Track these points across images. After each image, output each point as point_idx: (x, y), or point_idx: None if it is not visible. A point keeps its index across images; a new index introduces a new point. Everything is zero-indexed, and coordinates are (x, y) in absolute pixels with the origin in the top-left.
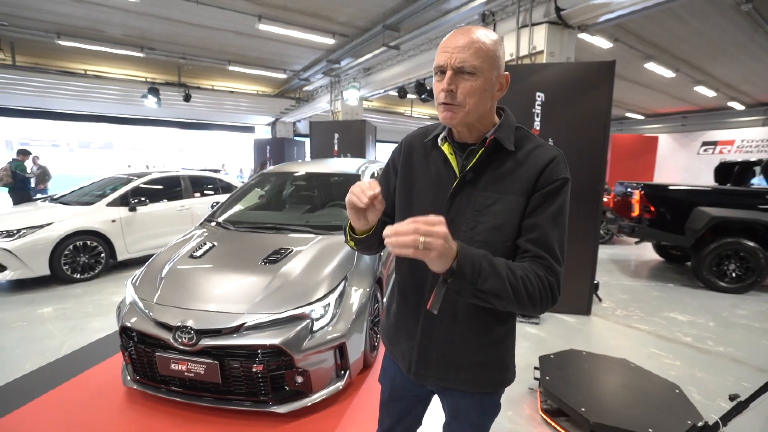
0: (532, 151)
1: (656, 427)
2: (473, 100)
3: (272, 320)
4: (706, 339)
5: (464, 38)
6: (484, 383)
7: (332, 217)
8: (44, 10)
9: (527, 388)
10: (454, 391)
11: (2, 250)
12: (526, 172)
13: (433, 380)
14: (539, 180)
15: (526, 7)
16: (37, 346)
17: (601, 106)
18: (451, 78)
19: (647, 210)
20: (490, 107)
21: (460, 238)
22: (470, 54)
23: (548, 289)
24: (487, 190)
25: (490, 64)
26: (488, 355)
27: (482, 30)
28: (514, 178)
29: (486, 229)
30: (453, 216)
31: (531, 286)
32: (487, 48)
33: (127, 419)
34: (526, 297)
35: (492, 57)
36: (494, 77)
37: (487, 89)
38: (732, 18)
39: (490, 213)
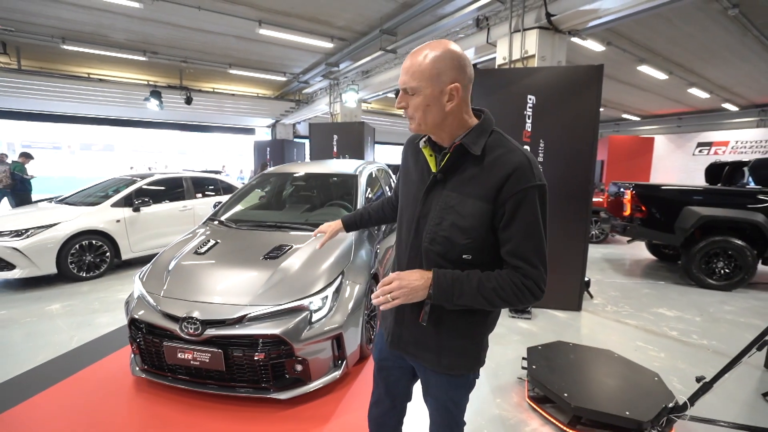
0: (499, 157)
1: (633, 410)
2: (419, 114)
3: (273, 311)
4: (692, 333)
5: (408, 61)
6: (446, 365)
7: (331, 216)
8: (50, 16)
9: (516, 378)
10: (424, 368)
11: (11, 249)
12: (490, 178)
13: (404, 353)
14: (503, 189)
15: (518, 12)
16: (47, 340)
17: (590, 108)
18: (401, 96)
19: (638, 209)
20: (446, 116)
21: (428, 231)
22: (409, 76)
23: (526, 291)
24: (453, 190)
25: (427, 83)
26: (452, 342)
27: (427, 50)
28: (477, 182)
29: (449, 226)
30: (426, 211)
31: (503, 292)
32: (423, 68)
33: (136, 406)
34: (500, 301)
35: (429, 76)
36: (437, 92)
37: (431, 104)
38: (721, 22)
39: (453, 212)
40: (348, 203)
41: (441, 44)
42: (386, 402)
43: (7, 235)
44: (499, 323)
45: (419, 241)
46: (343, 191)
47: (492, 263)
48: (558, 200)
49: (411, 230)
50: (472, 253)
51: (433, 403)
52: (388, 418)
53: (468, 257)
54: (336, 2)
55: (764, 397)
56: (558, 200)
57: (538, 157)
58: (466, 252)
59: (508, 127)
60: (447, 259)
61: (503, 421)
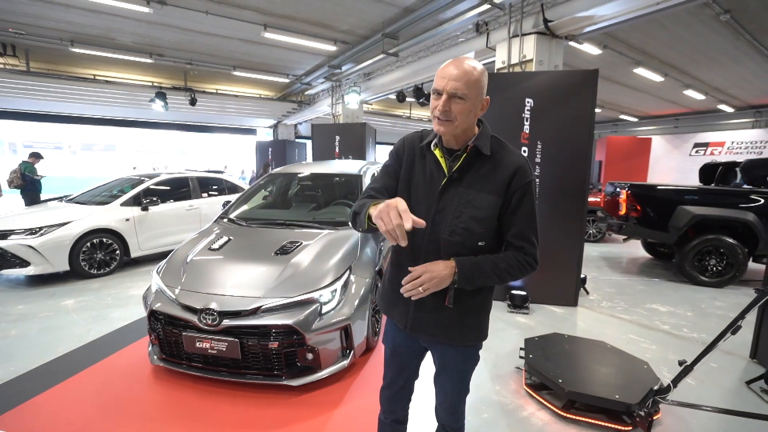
0: (504, 157)
1: (623, 393)
2: (462, 118)
3: (285, 303)
4: (683, 327)
5: (458, 70)
6: (464, 339)
7: (337, 214)
8: (61, 20)
9: (514, 368)
10: (443, 345)
11: (26, 247)
12: (499, 174)
13: (425, 336)
14: (511, 183)
15: (517, 18)
16: (66, 333)
17: (586, 111)
18: (446, 101)
19: (634, 209)
20: (472, 124)
21: (448, 224)
22: (462, 84)
23: (527, 265)
24: (469, 187)
25: (476, 92)
26: (467, 318)
27: (472, 62)
28: (490, 178)
29: (468, 218)
30: (442, 206)
31: (513, 269)
32: (475, 80)
33: (157, 392)
34: (509, 277)
35: (477, 86)
36: (478, 102)
37: (472, 110)
38: (713, 27)
39: (471, 206)
40: (353, 202)
41: (477, 62)
42: (398, 382)
43: (21, 233)
44: (498, 318)
45: (437, 235)
46: (347, 191)
47: (498, 246)
48: (555, 199)
49: (427, 226)
50: (486, 240)
51: (449, 375)
52: (399, 396)
53: (482, 243)
54: (340, 7)
55: (747, 384)
56: (555, 199)
57: (535, 158)
58: (481, 239)
59: (507, 129)
60: (465, 247)
61: (502, 406)
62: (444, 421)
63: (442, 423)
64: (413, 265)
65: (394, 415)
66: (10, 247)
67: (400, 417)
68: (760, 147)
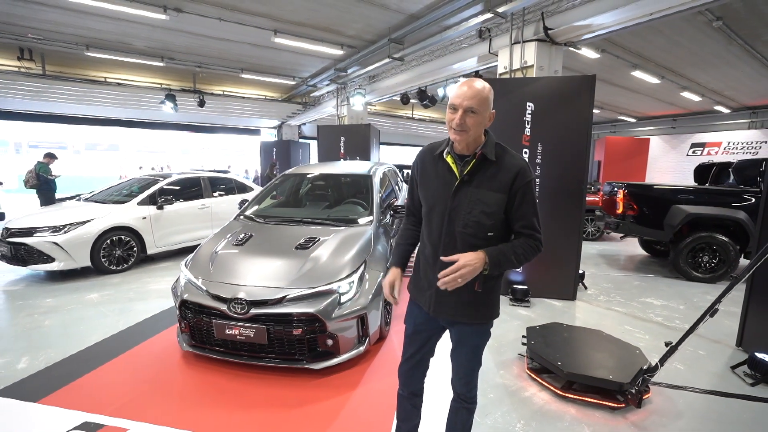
0: (508, 161)
1: (616, 374)
2: (474, 128)
3: (307, 294)
4: (675, 318)
5: (471, 90)
6: (479, 316)
7: (349, 212)
8: (80, 26)
9: (516, 355)
10: (460, 324)
11: (51, 243)
12: (504, 176)
13: (445, 315)
14: (514, 183)
15: (518, 25)
16: (95, 324)
17: (584, 114)
18: (462, 115)
19: (630, 207)
20: (481, 132)
21: (461, 219)
22: (475, 101)
23: (535, 248)
24: (478, 187)
25: (485, 107)
26: (481, 299)
27: (481, 83)
28: (496, 179)
29: (479, 213)
30: (455, 205)
31: (527, 253)
32: (484, 96)
33: (187, 375)
34: (525, 260)
35: (487, 102)
36: (487, 114)
37: (482, 122)
38: (706, 32)
39: (481, 203)
40: (363, 201)
41: (485, 83)
42: (416, 357)
43: (47, 230)
44: (501, 310)
45: (453, 228)
46: (356, 190)
47: (505, 236)
48: (554, 198)
49: (444, 221)
50: (494, 231)
51: (464, 349)
52: (415, 370)
53: (491, 234)
54: (347, 14)
55: (732, 369)
56: (554, 198)
57: (536, 160)
58: (490, 230)
59: (509, 132)
60: (477, 237)
61: (506, 388)
62: (459, 391)
63: (457, 392)
64: (435, 255)
65: (410, 387)
66: (37, 244)
67: (416, 390)
68: (755, 147)
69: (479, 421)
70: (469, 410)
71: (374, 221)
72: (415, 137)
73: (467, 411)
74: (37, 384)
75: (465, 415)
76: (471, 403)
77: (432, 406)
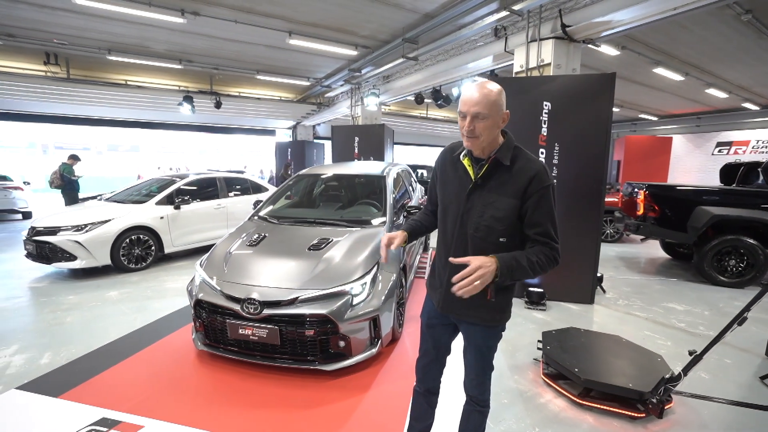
0: (522, 166)
1: (636, 382)
2: (486, 133)
3: (320, 295)
4: (699, 325)
5: (478, 95)
6: (486, 319)
7: (362, 213)
8: (102, 31)
9: (531, 359)
10: (468, 323)
11: (74, 242)
12: (517, 181)
13: (453, 314)
14: (528, 188)
15: (535, 23)
16: (114, 321)
17: (603, 113)
18: (471, 121)
19: (651, 209)
20: (495, 137)
21: (473, 222)
22: (482, 106)
23: (552, 259)
24: (491, 192)
25: (495, 110)
26: (497, 302)
27: (490, 85)
28: (509, 184)
29: (489, 217)
30: (469, 207)
31: (542, 263)
32: (492, 100)
33: (202, 373)
34: (540, 270)
35: (496, 105)
36: (499, 116)
37: (494, 125)
38: (734, 26)
39: (493, 207)
40: (377, 202)
41: (495, 84)
42: (432, 353)
43: (69, 229)
44: (515, 313)
45: (465, 230)
46: (370, 191)
47: (520, 243)
48: (572, 200)
49: (457, 223)
50: (506, 237)
51: (473, 350)
52: (432, 366)
53: (503, 240)
54: (362, 14)
55: (762, 380)
56: (572, 200)
57: (553, 160)
58: (502, 236)
59: (525, 132)
60: (487, 242)
61: (521, 393)
62: (470, 393)
63: (469, 395)
64: (447, 256)
65: (426, 384)
66: (60, 243)
67: (431, 387)
68: None
69: (492, 427)
70: (481, 414)
71: (387, 222)
72: (429, 137)
73: (480, 414)
74: (59, 379)
75: (477, 419)
76: (483, 406)
77: (446, 408)
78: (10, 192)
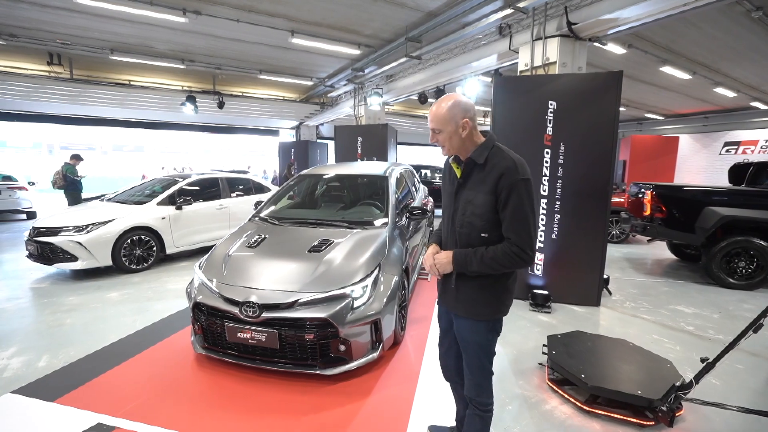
0: (495, 163)
1: (645, 389)
2: (447, 142)
3: (320, 298)
4: (708, 329)
5: (431, 113)
6: (470, 312)
7: (364, 214)
8: (105, 31)
9: (536, 364)
10: (456, 315)
11: (75, 243)
12: (491, 177)
13: (446, 305)
14: (498, 185)
15: (540, 21)
16: (114, 323)
17: (609, 113)
18: (432, 135)
19: (659, 209)
20: (464, 141)
21: (458, 220)
22: (435, 123)
23: (514, 255)
24: (470, 190)
25: (446, 123)
26: (477, 295)
27: (444, 102)
28: (484, 181)
29: (470, 214)
30: (456, 206)
31: (499, 258)
32: (442, 115)
33: (200, 377)
34: (498, 265)
35: (446, 118)
36: (453, 127)
37: (453, 134)
38: (744, 24)
39: (472, 204)
40: (379, 202)
41: (452, 97)
42: (444, 343)
43: (71, 230)
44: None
45: (454, 227)
46: (372, 191)
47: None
48: (578, 200)
49: (448, 221)
50: (488, 232)
51: (463, 346)
52: (446, 356)
53: (485, 235)
54: (365, 13)
55: None
56: (578, 200)
57: (558, 160)
58: (483, 231)
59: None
60: (471, 237)
61: (525, 399)
62: (468, 394)
63: (468, 396)
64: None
65: (445, 375)
66: (61, 243)
67: (451, 380)
68: None
69: None
70: (481, 418)
71: (390, 223)
72: None
73: (480, 419)
74: (56, 383)
75: (478, 424)
76: (483, 410)
77: None
78: (15, 192)
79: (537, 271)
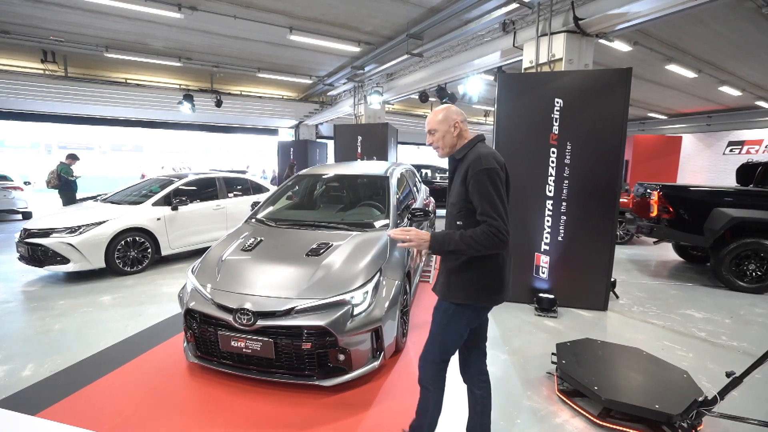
0: (467, 156)
1: (663, 403)
2: (440, 142)
3: (318, 305)
4: (721, 334)
5: (428, 120)
6: (444, 292)
7: (365, 216)
8: (99, 27)
9: (545, 373)
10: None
11: (66, 245)
12: (463, 170)
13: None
14: (467, 175)
15: (546, 16)
16: (104, 328)
17: (618, 111)
18: (429, 137)
19: (666, 210)
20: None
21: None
22: (431, 125)
23: (491, 235)
24: (454, 182)
25: (441, 124)
26: (453, 278)
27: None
28: (460, 174)
29: (451, 204)
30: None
31: (477, 238)
32: (438, 120)
33: (192, 388)
34: (476, 246)
35: (441, 120)
36: (447, 127)
37: (445, 134)
38: (754, 21)
39: (452, 195)
40: (380, 203)
41: (445, 106)
42: None
43: (62, 231)
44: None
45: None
46: (372, 192)
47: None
48: (584, 200)
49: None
50: (462, 220)
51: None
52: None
53: (460, 222)
54: (365, 9)
55: None
56: (584, 200)
57: (564, 159)
58: (458, 220)
59: (534, 131)
60: (452, 226)
61: (534, 412)
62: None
63: None
64: None
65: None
66: (53, 245)
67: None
68: None
69: None
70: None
71: (391, 225)
72: None
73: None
74: (39, 394)
75: (422, 396)
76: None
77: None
78: (10, 192)
79: (542, 274)
